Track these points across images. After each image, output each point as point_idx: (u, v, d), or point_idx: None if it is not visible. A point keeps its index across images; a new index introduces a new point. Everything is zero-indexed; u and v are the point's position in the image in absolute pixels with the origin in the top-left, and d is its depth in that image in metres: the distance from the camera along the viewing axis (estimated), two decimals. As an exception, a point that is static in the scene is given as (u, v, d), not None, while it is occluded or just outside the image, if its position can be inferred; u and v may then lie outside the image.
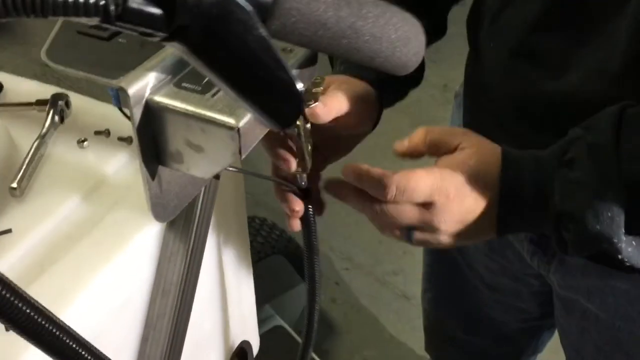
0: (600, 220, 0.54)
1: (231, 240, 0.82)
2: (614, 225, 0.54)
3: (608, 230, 0.55)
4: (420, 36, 0.46)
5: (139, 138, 0.49)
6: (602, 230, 0.55)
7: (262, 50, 0.34)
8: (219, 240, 0.78)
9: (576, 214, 0.55)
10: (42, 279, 0.58)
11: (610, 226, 0.54)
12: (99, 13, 0.29)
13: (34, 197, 0.64)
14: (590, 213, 0.55)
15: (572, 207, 0.56)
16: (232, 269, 0.84)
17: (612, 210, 0.54)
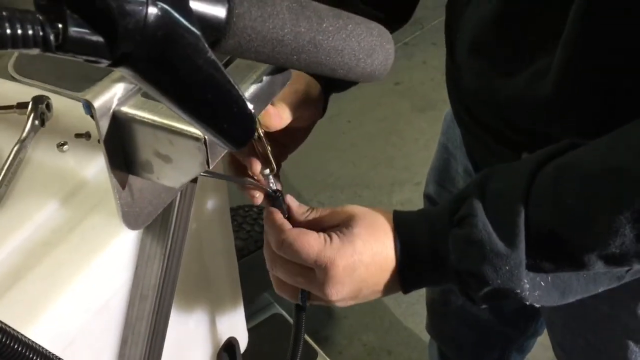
0: (500, 275, 0.54)
1: (214, 237, 0.82)
2: (514, 278, 0.54)
3: (509, 283, 0.55)
4: (387, 45, 0.46)
5: (106, 148, 0.49)
6: (503, 284, 0.55)
7: (211, 73, 0.33)
8: (201, 238, 0.78)
9: (473, 271, 0.55)
10: (19, 285, 0.58)
11: (510, 279, 0.54)
12: (38, 44, 0.29)
13: (13, 204, 0.65)
14: (487, 269, 0.55)
15: (468, 265, 0.56)
16: (216, 266, 0.84)
17: (509, 264, 0.54)
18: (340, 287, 0.59)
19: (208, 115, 0.35)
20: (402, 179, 2.33)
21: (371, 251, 0.59)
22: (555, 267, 0.56)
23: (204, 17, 0.34)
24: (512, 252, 0.54)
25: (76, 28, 0.30)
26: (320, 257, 0.58)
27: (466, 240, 0.56)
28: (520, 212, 0.54)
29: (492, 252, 0.54)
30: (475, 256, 0.55)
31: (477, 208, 0.56)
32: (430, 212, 0.62)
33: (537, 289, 0.57)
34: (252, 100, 0.53)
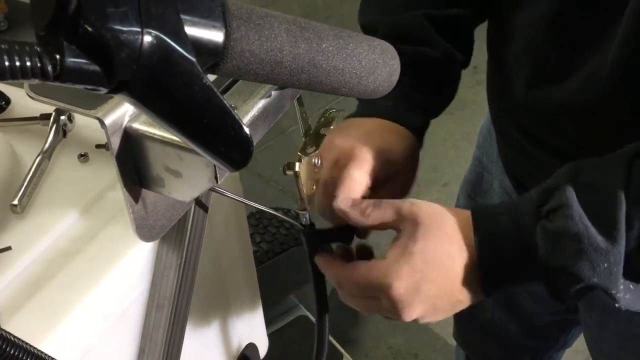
0: (597, 272, 0.51)
1: (231, 244, 0.83)
2: (612, 276, 0.51)
3: (606, 282, 0.51)
4: (390, 61, 0.46)
5: (119, 164, 0.50)
6: (599, 282, 0.51)
7: (207, 99, 0.34)
8: (218, 246, 0.79)
9: (567, 268, 0.52)
10: (39, 295, 0.60)
11: (608, 277, 0.51)
12: (36, 75, 0.30)
13: (34, 214, 0.66)
14: (584, 265, 0.51)
15: (561, 261, 0.52)
16: (234, 273, 0.85)
17: (609, 260, 0.50)
18: (409, 309, 0.55)
19: (205, 139, 0.36)
20: (429, 180, 2.31)
21: (434, 264, 0.55)
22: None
23: (201, 42, 0.34)
24: (612, 248, 0.50)
25: (73, 59, 0.30)
26: (377, 286, 0.55)
27: (560, 233, 0.52)
28: (622, 205, 0.50)
29: (590, 246, 0.50)
30: (570, 251, 0.51)
31: (571, 198, 0.52)
32: (514, 204, 0.57)
33: (628, 291, 0.53)
34: (261, 115, 0.54)
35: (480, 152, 1.03)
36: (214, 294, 0.82)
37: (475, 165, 1.05)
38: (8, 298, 0.59)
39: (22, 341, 0.42)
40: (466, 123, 2.50)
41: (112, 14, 0.31)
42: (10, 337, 0.41)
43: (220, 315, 0.85)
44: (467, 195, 1.07)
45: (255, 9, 0.38)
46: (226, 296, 0.85)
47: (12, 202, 0.66)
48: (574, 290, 0.53)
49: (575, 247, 0.51)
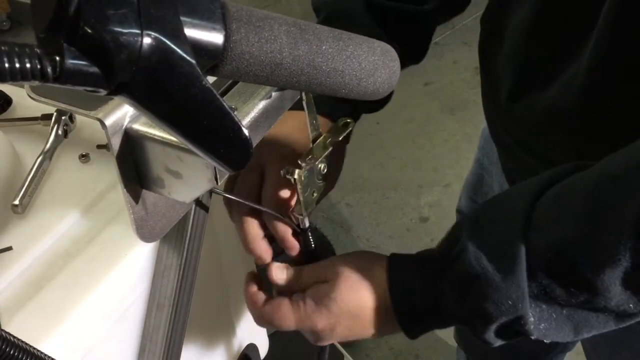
0: (503, 311, 0.51)
1: (232, 245, 0.83)
2: (518, 311, 0.51)
3: (512, 316, 0.52)
4: (391, 62, 0.46)
5: (119, 165, 0.51)
6: (509, 320, 0.52)
7: (206, 101, 0.34)
8: (219, 246, 0.79)
9: (475, 311, 0.53)
10: (40, 295, 0.60)
11: (514, 312, 0.51)
12: (36, 77, 0.30)
13: (35, 214, 0.67)
14: (489, 306, 0.51)
15: (469, 306, 0.53)
16: (234, 274, 0.85)
17: (511, 298, 0.50)
18: (330, 339, 0.61)
19: (204, 140, 0.36)
20: (430, 181, 2.31)
21: (349, 312, 0.59)
22: (568, 295, 0.51)
23: (200, 44, 0.34)
24: (512, 285, 0.50)
25: (73, 60, 0.31)
26: (299, 324, 0.60)
27: (461, 279, 0.53)
28: (519, 239, 0.50)
29: (490, 287, 0.51)
30: (473, 294, 0.52)
31: (467, 243, 0.53)
32: (426, 256, 0.59)
33: (544, 321, 0.52)
34: (262, 116, 0.54)
35: (481, 154, 1.03)
36: (215, 294, 0.83)
37: (476, 167, 1.05)
38: (9, 298, 0.59)
39: (22, 342, 0.43)
40: (467, 124, 2.50)
41: (112, 16, 0.31)
42: (10, 337, 0.41)
43: (220, 315, 0.85)
44: (469, 197, 1.08)
45: (255, 10, 0.38)
46: (227, 296, 0.85)
47: (13, 202, 0.66)
48: (491, 330, 0.54)
49: (477, 290, 0.52)
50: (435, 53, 2.89)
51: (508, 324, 0.53)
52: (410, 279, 0.58)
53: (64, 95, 0.50)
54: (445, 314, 0.56)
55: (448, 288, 0.55)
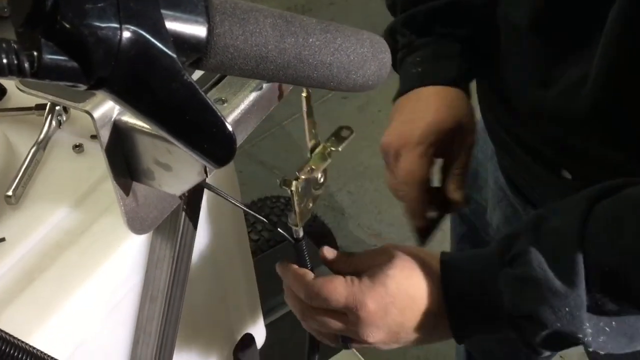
0: (559, 317, 0.51)
1: (227, 235, 0.83)
2: (575, 320, 0.51)
3: (569, 326, 0.51)
4: (381, 54, 0.45)
5: (108, 157, 0.50)
6: (563, 327, 0.51)
7: (188, 96, 0.34)
8: (215, 236, 0.79)
9: (529, 313, 0.52)
10: (32, 287, 0.60)
11: (572, 322, 0.51)
12: (13, 72, 0.30)
13: (28, 205, 0.66)
14: (545, 310, 0.51)
15: (522, 307, 0.53)
16: (230, 265, 0.85)
17: (569, 304, 0.50)
18: (375, 329, 0.57)
19: (187, 136, 0.35)
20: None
21: (406, 294, 0.56)
22: (619, 310, 0.52)
23: (182, 37, 0.34)
24: (571, 292, 0.50)
25: (51, 55, 0.30)
26: (350, 300, 0.56)
27: (520, 279, 0.53)
28: (578, 251, 0.50)
29: (549, 291, 0.51)
30: (530, 296, 0.52)
31: (530, 245, 0.53)
32: (480, 254, 0.58)
33: (602, 334, 0.53)
34: (252, 108, 0.53)
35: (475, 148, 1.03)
36: (210, 284, 0.82)
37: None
38: (1, 289, 0.59)
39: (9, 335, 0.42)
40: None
41: (90, 10, 0.30)
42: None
43: (216, 305, 0.86)
44: None
45: (239, 2, 0.37)
46: (222, 287, 0.85)
47: (6, 193, 0.65)
48: (540, 337, 0.53)
49: (535, 293, 0.51)
50: (438, 40, 2.87)
51: (562, 334, 0.52)
52: (466, 278, 0.57)
53: (53, 88, 0.50)
54: (499, 315, 0.55)
55: (504, 286, 0.54)
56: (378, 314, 0.56)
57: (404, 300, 0.56)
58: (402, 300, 0.56)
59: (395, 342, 0.59)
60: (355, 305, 0.56)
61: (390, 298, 0.56)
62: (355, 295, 0.56)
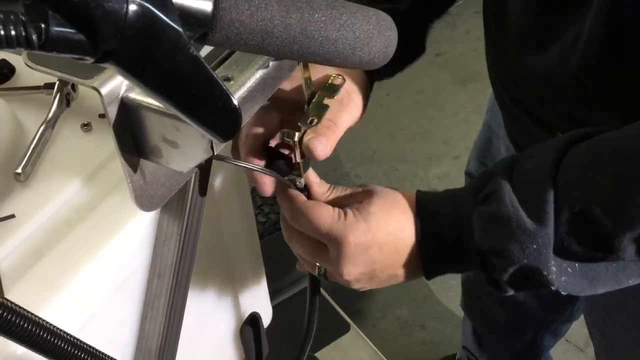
0: (527, 254, 0.52)
1: (234, 214, 0.84)
2: (542, 257, 0.52)
3: (536, 262, 0.52)
4: (386, 32, 0.46)
5: (116, 134, 0.51)
6: (529, 263, 0.52)
7: (194, 70, 0.34)
8: (221, 216, 0.80)
9: (498, 249, 0.53)
10: (41, 263, 0.61)
11: (538, 258, 0.52)
12: (21, 44, 0.30)
13: (37, 183, 0.67)
14: (513, 246, 0.52)
15: (492, 242, 0.54)
16: (237, 243, 0.86)
17: (537, 242, 0.51)
18: (352, 266, 0.58)
19: (192, 109, 0.36)
20: (440, 153, 2.30)
21: (386, 231, 0.58)
22: (584, 251, 0.53)
23: (189, 11, 0.34)
24: (540, 230, 0.52)
25: (58, 28, 0.30)
26: (332, 231, 0.57)
27: (491, 216, 0.54)
28: (549, 190, 0.52)
29: (519, 228, 0.52)
30: (500, 233, 0.53)
31: (503, 184, 0.54)
32: (455, 192, 0.60)
33: (564, 274, 0.54)
34: (259, 86, 0.54)
35: (489, 116, 1.04)
36: (217, 263, 0.83)
37: (485, 129, 1.05)
38: (11, 265, 0.60)
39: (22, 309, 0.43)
40: (478, 95, 2.48)
41: (97, -17, 0.30)
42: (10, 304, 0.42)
43: (223, 284, 0.86)
44: (478, 160, 1.08)
45: (246, -23, 0.38)
46: (229, 265, 0.86)
47: (16, 171, 0.66)
48: (508, 274, 0.54)
49: (505, 229, 0.53)
50: (447, 23, 2.85)
51: (528, 271, 0.53)
52: (440, 214, 0.58)
53: (61, 64, 0.50)
54: (469, 251, 0.56)
55: (477, 223, 0.55)
56: (358, 249, 0.57)
57: (383, 237, 0.58)
58: (382, 237, 0.57)
59: (368, 279, 0.60)
60: (336, 238, 0.57)
61: (371, 234, 0.57)
62: (338, 227, 0.57)
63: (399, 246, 0.59)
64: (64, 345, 0.46)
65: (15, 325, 0.42)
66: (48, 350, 0.45)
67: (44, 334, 0.44)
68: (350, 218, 0.58)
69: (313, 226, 0.58)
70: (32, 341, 0.43)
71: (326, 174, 2.23)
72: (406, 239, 0.59)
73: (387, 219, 0.59)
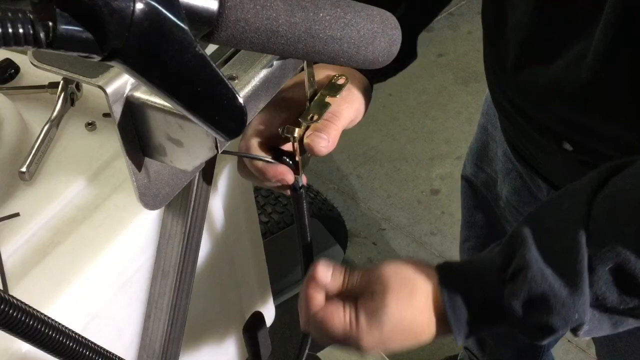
0: (569, 323, 0.52)
1: (238, 212, 0.84)
2: (582, 319, 0.52)
3: (576, 324, 0.52)
4: (390, 31, 0.46)
5: (121, 133, 0.51)
6: (571, 327, 0.53)
7: (200, 68, 0.34)
8: (225, 215, 0.80)
9: (541, 325, 0.53)
10: (46, 261, 0.61)
11: (580, 321, 0.52)
12: (29, 42, 0.30)
13: (42, 181, 0.67)
14: (556, 320, 0.52)
15: (534, 319, 0.53)
16: (240, 242, 0.86)
17: (577, 311, 0.51)
18: (375, 353, 0.58)
19: (198, 107, 0.36)
20: (442, 153, 2.30)
21: (404, 327, 0.57)
22: (619, 303, 0.52)
23: (194, 10, 0.34)
24: (579, 298, 0.51)
25: (66, 26, 0.31)
26: (348, 340, 0.57)
27: (526, 295, 0.53)
28: (583, 252, 0.50)
29: (558, 303, 0.51)
30: (540, 310, 0.52)
31: (530, 258, 0.52)
32: (480, 268, 0.57)
33: (589, 322, 0.53)
34: (263, 85, 0.54)
35: (484, 119, 1.03)
36: (220, 262, 0.83)
37: (480, 133, 1.05)
38: (16, 263, 0.60)
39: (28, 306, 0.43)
40: (481, 96, 2.46)
41: (104, -18, 0.31)
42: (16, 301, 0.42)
43: (226, 283, 0.87)
44: (474, 164, 1.08)
45: (251, -24, 0.38)
46: (232, 264, 0.86)
47: (20, 169, 0.67)
48: (549, 339, 0.54)
49: (544, 305, 0.52)
50: (449, 23, 2.86)
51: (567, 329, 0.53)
52: (469, 295, 0.56)
53: (66, 63, 0.51)
54: (506, 324, 0.55)
55: (513, 304, 0.53)
56: (377, 346, 0.57)
57: (402, 333, 0.57)
58: (401, 333, 0.57)
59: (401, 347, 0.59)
60: (353, 344, 0.57)
61: (388, 335, 0.56)
62: (351, 335, 0.57)
63: (424, 333, 0.58)
64: (68, 343, 0.46)
65: (21, 323, 0.43)
66: (53, 348, 0.45)
67: (49, 332, 0.44)
68: (362, 324, 0.57)
69: (328, 335, 0.58)
70: (37, 338, 0.44)
71: (328, 173, 2.23)
72: (425, 322, 0.58)
73: (406, 313, 0.57)
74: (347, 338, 0.57)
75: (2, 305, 0.40)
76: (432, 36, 2.79)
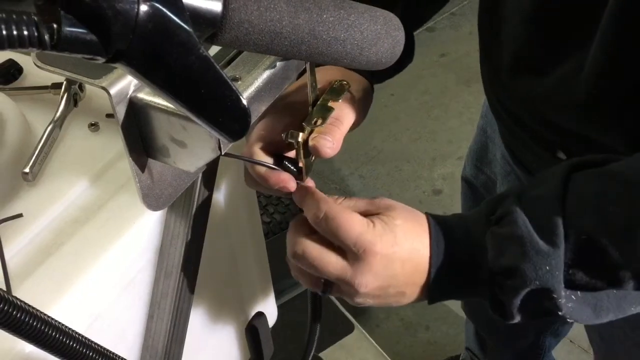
0: (539, 275, 0.51)
1: (240, 214, 0.84)
2: (554, 279, 0.51)
3: (548, 284, 0.52)
4: (394, 32, 0.46)
5: (124, 134, 0.51)
6: (542, 284, 0.52)
7: (204, 70, 0.34)
8: (227, 215, 0.80)
9: (511, 269, 0.53)
10: (49, 262, 0.61)
11: (550, 280, 0.52)
12: (34, 44, 0.30)
13: (45, 182, 0.68)
14: (527, 267, 0.52)
15: (506, 262, 0.53)
16: (243, 243, 0.86)
17: (550, 263, 0.51)
18: (373, 278, 0.55)
19: (202, 109, 0.36)
20: (444, 153, 2.30)
21: (410, 246, 0.56)
22: (588, 280, 0.53)
23: (198, 12, 0.34)
24: (553, 252, 0.51)
25: (70, 28, 0.31)
26: (361, 239, 0.54)
27: (505, 236, 0.54)
28: (559, 214, 0.52)
29: (532, 249, 0.52)
30: (514, 253, 0.53)
31: (515, 207, 0.54)
32: (464, 215, 0.59)
33: (570, 301, 0.54)
34: (266, 86, 0.54)
35: (484, 122, 1.04)
36: (223, 263, 0.84)
37: (480, 135, 1.05)
38: (19, 264, 0.60)
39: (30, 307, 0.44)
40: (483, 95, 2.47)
41: (109, -17, 0.31)
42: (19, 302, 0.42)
43: (229, 283, 0.87)
44: (474, 165, 1.08)
45: (255, -22, 0.38)
46: (235, 265, 0.86)
47: (23, 170, 0.67)
48: (518, 297, 0.54)
49: (519, 250, 0.52)
50: (451, 23, 2.86)
51: (539, 294, 0.53)
52: (452, 234, 0.57)
53: (70, 64, 0.51)
54: (479, 273, 0.55)
55: (490, 243, 0.54)
56: (382, 261, 0.55)
57: (407, 252, 0.55)
58: (406, 252, 0.55)
59: (377, 295, 0.57)
60: (364, 247, 0.54)
61: (398, 247, 0.55)
62: (367, 236, 0.54)
63: (420, 263, 0.57)
64: (71, 343, 0.46)
65: (24, 324, 0.43)
66: (55, 348, 0.45)
67: (52, 332, 0.45)
68: (379, 228, 0.55)
69: (342, 231, 0.55)
70: (40, 339, 0.44)
71: (331, 174, 2.23)
72: (424, 257, 0.57)
73: (413, 235, 0.57)
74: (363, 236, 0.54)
75: (5, 306, 0.40)
76: (434, 36, 2.79)
